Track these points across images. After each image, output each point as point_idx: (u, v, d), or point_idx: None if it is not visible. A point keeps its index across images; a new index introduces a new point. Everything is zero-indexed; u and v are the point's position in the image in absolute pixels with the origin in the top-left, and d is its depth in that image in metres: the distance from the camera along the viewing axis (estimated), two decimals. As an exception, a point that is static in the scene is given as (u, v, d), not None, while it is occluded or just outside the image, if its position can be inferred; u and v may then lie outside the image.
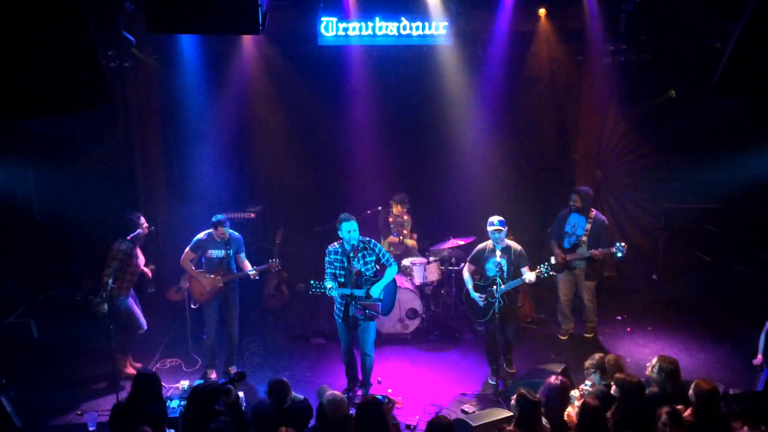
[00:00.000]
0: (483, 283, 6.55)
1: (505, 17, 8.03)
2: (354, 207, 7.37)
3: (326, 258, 6.01)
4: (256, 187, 9.35)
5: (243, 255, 6.76)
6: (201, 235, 6.68)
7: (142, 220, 6.75)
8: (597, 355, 5.23)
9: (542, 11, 8.10)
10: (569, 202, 7.37)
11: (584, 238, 7.23)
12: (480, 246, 6.66)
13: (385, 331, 7.61)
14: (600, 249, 7.06)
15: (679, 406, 4.49)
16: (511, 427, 4.21)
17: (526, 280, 6.30)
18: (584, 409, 4.40)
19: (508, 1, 7.80)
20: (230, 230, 6.68)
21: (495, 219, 6.37)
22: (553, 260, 7.23)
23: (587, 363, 5.22)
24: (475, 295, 6.51)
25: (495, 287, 6.20)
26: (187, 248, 6.68)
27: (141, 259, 6.79)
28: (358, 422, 4.33)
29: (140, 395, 4.75)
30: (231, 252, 6.66)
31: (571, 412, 4.83)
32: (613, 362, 5.17)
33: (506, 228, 6.40)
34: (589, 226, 7.23)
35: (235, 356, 6.94)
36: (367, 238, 6.03)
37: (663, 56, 8.03)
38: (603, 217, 7.40)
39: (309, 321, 8.24)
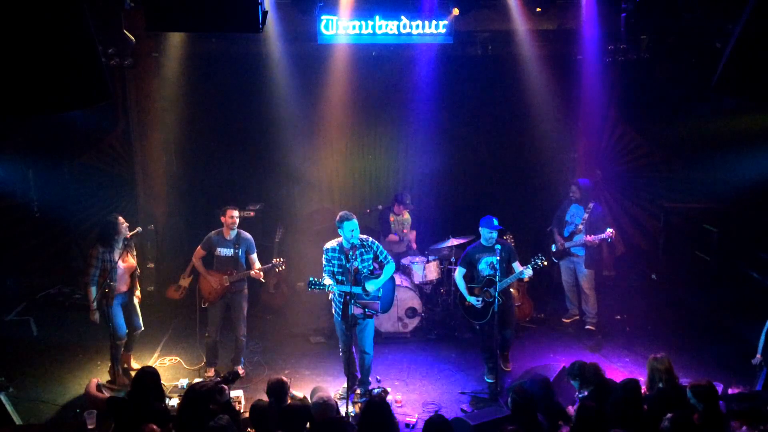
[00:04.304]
0: (477, 284, 6.55)
1: (504, 16, 8.03)
2: (354, 205, 7.38)
3: (324, 256, 6.01)
4: (255, 186, 9.35)
5: (254, 255, 6.74)
6: (211, 233, 6.68)
7: (121, 220, 6.43)
8: (576, 363, 5.24)
9: (538, 10, 8.09)
10: (569, 194, 7.72)
11: (581, 227, 7.56)
12: (470, 248, 6.69)
13: (384, 330, 7.61)
14: (592, 236, 7.37)
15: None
16: (512, 427, 4.20)
17: (525, 276, 6.31)
18: (582, 409, 4.41)
19: (507, 0, 7.80)
20: (241, 230, 6.66)
21: (494, 220, 6.39)
22: (554, 248, 7.50)
23: (568, 368, 5.25)
24: (472, 299, 6.51)
25: (493, 287, 6.23)
26: (199, 246, 6.71)
27: (126, 263, 6.47)
28: (363, 421, 4.33)
29: (145, 392, 4.75)
30: (240, 251, 6.63)
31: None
32: (591, 369, 5.18)
33: None
34: (586, 215, 7.56)
35: (242, 356, 6.91)
36: (365, 236, 6.03)
37: (663, 56, 8.04)
38: (601, 208, 7.76)
39: (308, 319, 8.24)
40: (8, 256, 8.57)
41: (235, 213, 6.57)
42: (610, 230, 7.28)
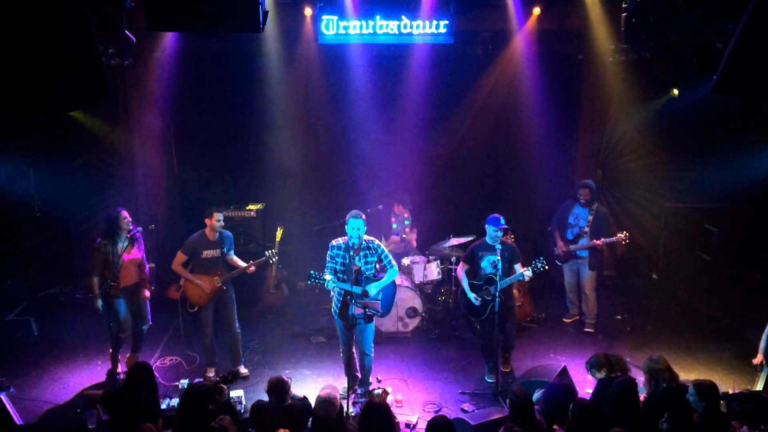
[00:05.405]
0: (478, 281, 6.56)
1: (505, 16, 8.04)
2: (354, 205, 7.36)
3: (329, 252, 6.01)
4: (256, 186, 9.35)
5: (232, 252, 6.71)
6: (194, 236, 6.57)
7: (123, 214, 6.39)
8: (598, 354, 5.25)
9: (537, 10, 8.09)
10: (576, 195, 7.65)
11: (586, 229, 7.53)
12: (474, 244, 6.71)
13: (385, 330, 7.62)
14: (603, 239, 7.33)
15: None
16: (518, 428, 4.18)
17: (525, 278, 6.31)
18: (577, 408, 4.41)
19: (507, 0, 7.81)
20: (222, 229, 6.60)
21: (501, 219, 6.39)
22: (556, 251, 7.45)
23: (591, 361, 5.24)
24: (472, 296, 6.53)
25: (494, 285, 6.23)
26: (179, 251, 6.53)
27: (131, 255, 6.45)
28: (363, 422, 4.32)
29: (138, 387, 4.77)
30: (225, 251, 6.60)
31: None
32: (617, 358, 5.24)
33: None
34: (591, 217, 7.53)
35: (242, 354, 6.89)
36: (371, 238, 6.03)
37: (663, 56, 8.03)
38: (604, 210, 7.76)
39: (309, 319, 8.24)
40: (9, 255, 8.58)
41: (221, 216, 6.52)
42: (621, 234, 7.30)
